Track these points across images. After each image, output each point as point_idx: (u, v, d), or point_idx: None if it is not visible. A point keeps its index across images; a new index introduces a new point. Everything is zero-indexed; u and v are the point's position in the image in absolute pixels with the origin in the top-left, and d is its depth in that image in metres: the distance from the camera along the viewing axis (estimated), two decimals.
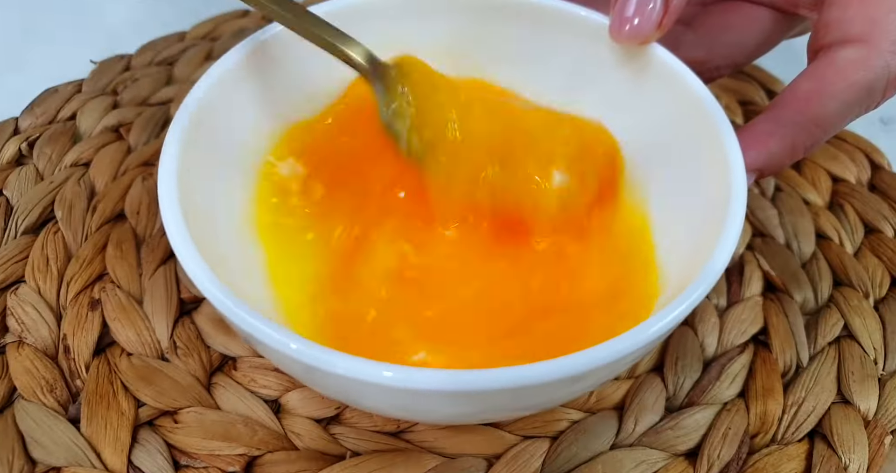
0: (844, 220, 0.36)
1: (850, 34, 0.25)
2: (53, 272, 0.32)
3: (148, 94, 0.41)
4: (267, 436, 0.27)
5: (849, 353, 0.30)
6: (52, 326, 0.30)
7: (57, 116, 0.39)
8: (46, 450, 0.26)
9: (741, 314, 0.32)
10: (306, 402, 0.28)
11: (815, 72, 0.25)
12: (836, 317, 0.32)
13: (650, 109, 0.28)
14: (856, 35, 0.25)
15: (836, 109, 0.24)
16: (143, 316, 0.30)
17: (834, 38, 0.25)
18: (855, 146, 0.40)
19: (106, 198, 0.35)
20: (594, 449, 0.27)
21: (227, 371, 0.29)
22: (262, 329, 0.19)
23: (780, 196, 0.37)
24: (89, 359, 0.29)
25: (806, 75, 0.26)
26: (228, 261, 0.25)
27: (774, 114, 0.25)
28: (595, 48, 0.29)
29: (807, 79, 0.25)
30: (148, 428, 0.27)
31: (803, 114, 0.25)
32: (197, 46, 0.44)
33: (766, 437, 0.28)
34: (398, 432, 0.27)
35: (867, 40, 0.24)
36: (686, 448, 0.27)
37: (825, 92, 0.24)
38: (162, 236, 0.33)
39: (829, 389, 0.29)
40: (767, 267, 0.33)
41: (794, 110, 0.25)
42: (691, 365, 0.30)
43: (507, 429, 0.28)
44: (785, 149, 0.25)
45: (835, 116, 0.25)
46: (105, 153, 0.37)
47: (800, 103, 0.25)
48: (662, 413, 0.28)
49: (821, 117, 0.25)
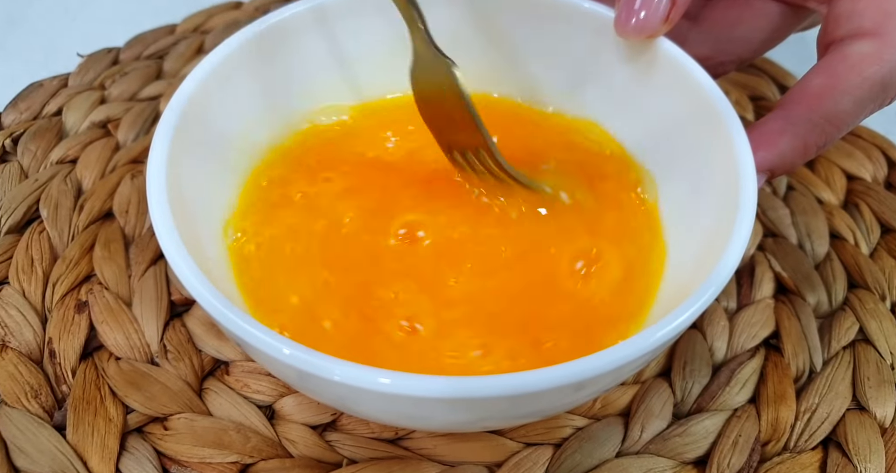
0: (860, 220, 0.36)
1: (862, 27, 0.25)
2: (38, 273, 0.32)
3: (137, 89, 0.41)
4: (260, 443, 0.27)
5: (864, 358, 0.30)
6: (36, 329, 0.30)
7: (42, 112, 0.39)
8: (31, 459, 0.26)
9: (752, 317, 0.32)
10: (301, 408, 0.28)
11: (827, 67, 0.25)
12: (850, 320, 0.32)
13: (658, 106, 0.28)
14: (868, 28, 0.25)
15: (849, 106, 0.24)
16: (131, 318, 0.30)
17: (845, 31, 0.25)
18: (871, 142, 0.39)
19: (93, 196, 0.35)
20: (599, 457, 0.27)
21: (219, 375, 0.29)
22: (254, 333, 0.19)
23: (793, 195, 0.37)
24: (76, 364, 0.29)
25: (817, 71, 0.25)
26: (219, 263, 0.26)
27: (785, 111, 0.25)
28: (600, 43, 0.29)
29: (818, 75, 0.25)
30: (137, 435, 0.27)
31: (816, 111, 0.25)
32: (188, 39, 0.44)
33: (778, 445, 0.28)
34: (396, 439, 0.28)
35: (880, 33, 0.24)
36: (694, 455, 0.27)
37: (838, 88, 0.24)
38: (151, 236, 0.33)
39: (843, 395, 0.29)
40: (779, 268, 0.33)
41: (806, 107, 0.25)
42: (700, 370, 0.30)
43: (509, 436, 0.28)
44: (797, 148, 0.25)
45: (848, 113, 0.25)
46: (92, 150, 0.37)
47: (812, 100, 0.25)
48: (670, 420, 0.28)
49: (834, 114, 0.24)
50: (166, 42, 0.44)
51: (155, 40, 0.44)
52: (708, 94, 0.25)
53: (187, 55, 0.43)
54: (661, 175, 0.29)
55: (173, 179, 0.23)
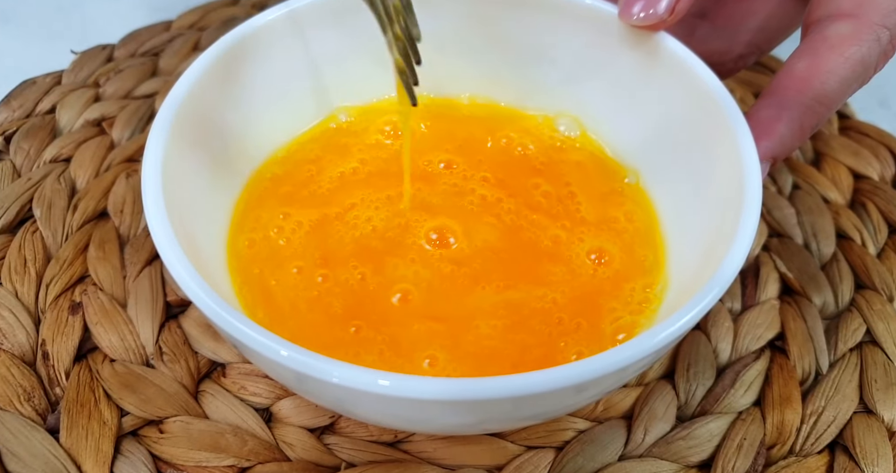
0: (867, 219, 0.36)
1: (840, 9, 0.26)
2: (31, 274, 0.32)
3: (132, 87, 0.41)
4: (257, 447, 0.27)
5: (871, 360, 0.30)
6: (29, 331, 0.30)
7: (35, 109, 0.39)
8: (23, 463, 0.26)
9: (756, 318, 0.32)
10: (299, 411, 0.28)
11: (809, 49, 0.26)
12: (857, 322, 0.32)
13: (660, 103, 0.28)
14: (846, 9, 0.26)
15: (836, 86, 0.25)
16: (126, 320, 0.30)
17: (825, 12, 0.26)
18: (878, 141, 0.39)
19: (87, 195, 0.35)
20: (601, 461, 0.27)
21: (215, 378, 0.29)
22: (251, 335, 0.19)
23: (798, 194, 0.37)
24: (69, 366, 0.29)
25: (799, 54, 0.26)
26: (215, 264, 0.26)
27: (776, 98, 0.26)
28: (602, 39, 0.29)
29: (802, 58, 0.26)
30: (131, 439, 0.27)
31: (805, 93, 0.25)
32: (183, 36, 0.44)
33: (784, 449, 0.28)
34: (395, 442, 0.28)
35: (857, 15, 0.25)
36: (698, 459, 0.27)
37: (822, 68, 0.25)
38: (147, 236, 0.33)
39: (850, 398, 0.29)
40: (784, 268, 0.33)
41: (796, 91, 0.26)
42: (704, 372, 0.30)
43: (510, 439, 0.28)
44: (794, 131, 0.26)
45: (836, 93, 0.25)
46: (86, 148, 0.37)
47: (800, 83, 0.26)
48: (673, 423, 0.28)
49: (823, 95, 0.25)
50: (161, 39, 0.44)
51: (150, 37, 0.44)
52: (712, 92, 0.25)
53: (183, 52, 0.43)
54: (662, 172, 0.29)
55: (169, 178, 0.23)
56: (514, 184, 0.30)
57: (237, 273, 0.26)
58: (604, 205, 0.29)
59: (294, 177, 0.29)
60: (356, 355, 0.24)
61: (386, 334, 0.25)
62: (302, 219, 0.28)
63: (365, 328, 0.25)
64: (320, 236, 0.28)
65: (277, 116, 0.30)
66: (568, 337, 0.25)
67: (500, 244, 0.28)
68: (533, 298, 0.26)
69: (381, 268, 0.27)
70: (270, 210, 0.28)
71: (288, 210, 0.28)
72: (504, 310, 0.26)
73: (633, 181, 0.30)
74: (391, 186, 0.29)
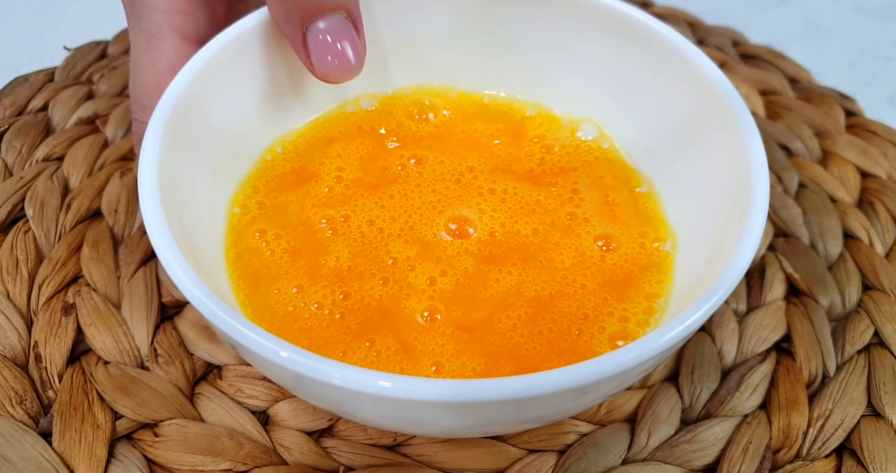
0: (874, 219, 0.36)
1: None
2: (24, 274, 0.32)
3: (126, 84, 0.41)
4: (254, 450, 0.27)
5: (879, 362, 0.30)
6: (21, 333, 0.30)
7: (27, 107, 0.39)
8: (15, 467, 0.26)
9: (762, 320, 0.32)
10: (297, 413, 0.28)
11: None
12: (865, 324, 0.32)
13: (665, 101, 0.28)
14: None
15: None
16: (120, 321, 0.30)
17: None
18: (886, 139, 0.40)
19: (81, 194, 0.35)
20: (604, 464, 0.27)
21: (211, 380, 0.29)
22: (250, 336, 0.19)
23: (805, 193, 0.37)
24: (62, 368, 0.29)
25: None
26: (213, 263, 0.26)
27: None
28: (606, 36, 0.29)
29: None
30: (126, 442, 0.27)
31: None
32: None
33: (791, 452, 0.28)
34: (395, 445, 0.28)
35: None
36: (703, 463, 0.28)
37: None
38: (141, 236, 0.33)
39: (858, 401, 0.29)
40: (791, 269, 0.33)
41: None
42: (709, 375, 0.30)
43: (511, 443, 0.28)
44: None
45: None
46: (80, 147, 0.37)
47: None
48: (678, 426, 0.29)
49: None
50: None
51: None
52: (718, 89, 0.25)
53: None
54: (667, 172, 0.29)
55: (165, 177, 0.23)
56: (523, 186, 0.30)
57: (235, 273, 0.26)
58: (612, 207, 0.29)
59: (296, 177, 0.29)
60: (343, 354, 0.25)
61: (387, 331, 0.25)
62: (304, 220, 0.28)
63: (364, 327, 0.25)
64: (324, 236, 0.28)
65: (277, 114, 0.30)
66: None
67: (510, 249, 0.28)
68: (532, 311, 0.26)
69: (388, 268, 0.27)
70: (271, 210, 0.28)
71: (289, 209, 0.28)
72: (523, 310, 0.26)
73: (646, 190, 0.30)
74: (391, 189, 0.29)
